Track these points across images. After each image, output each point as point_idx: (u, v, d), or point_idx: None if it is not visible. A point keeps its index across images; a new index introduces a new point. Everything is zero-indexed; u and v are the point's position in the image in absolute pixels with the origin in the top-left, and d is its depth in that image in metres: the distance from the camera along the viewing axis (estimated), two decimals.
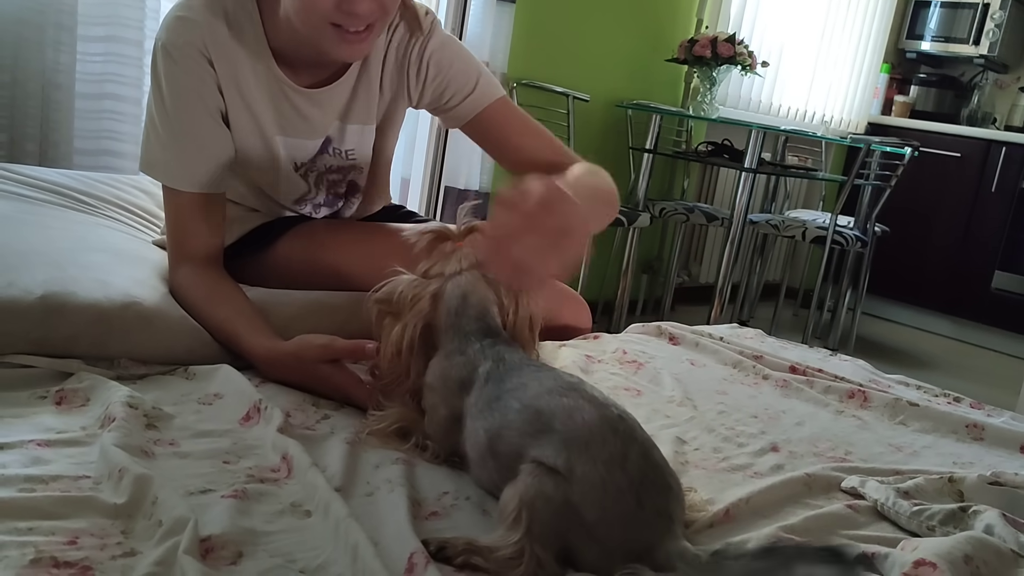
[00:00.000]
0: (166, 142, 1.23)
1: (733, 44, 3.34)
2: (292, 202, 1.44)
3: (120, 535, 0.75)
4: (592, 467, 0.79)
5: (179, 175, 1.24)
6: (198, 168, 1.24)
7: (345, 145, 1.40)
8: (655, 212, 3.46)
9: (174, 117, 1.22)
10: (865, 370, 1.71)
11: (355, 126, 1.38)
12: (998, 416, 1.51)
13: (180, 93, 1.21)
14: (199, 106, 1.22)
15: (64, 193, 1.54)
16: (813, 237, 3.41)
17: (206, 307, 1.20)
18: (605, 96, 3.46)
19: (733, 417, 1.33)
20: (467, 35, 2.77)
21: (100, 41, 1.95)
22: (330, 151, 1.39)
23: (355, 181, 1.48)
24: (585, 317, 1.72)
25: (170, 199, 1.27)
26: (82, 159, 1.95)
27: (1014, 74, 4.64)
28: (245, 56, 1.24)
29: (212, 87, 1.23)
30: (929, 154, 4.22)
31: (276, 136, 1.31)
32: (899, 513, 1.03)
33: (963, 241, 4.29)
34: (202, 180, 1.25)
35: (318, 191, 1.44)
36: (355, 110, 1.37)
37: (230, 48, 1.22)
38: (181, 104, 1.22)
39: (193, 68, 1.20)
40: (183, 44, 1.19)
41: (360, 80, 1.35)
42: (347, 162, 1.42)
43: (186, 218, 1.26)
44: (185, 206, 1.25)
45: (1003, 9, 4.36)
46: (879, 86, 4.73)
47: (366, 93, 1.36)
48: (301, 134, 1.34)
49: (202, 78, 1.21)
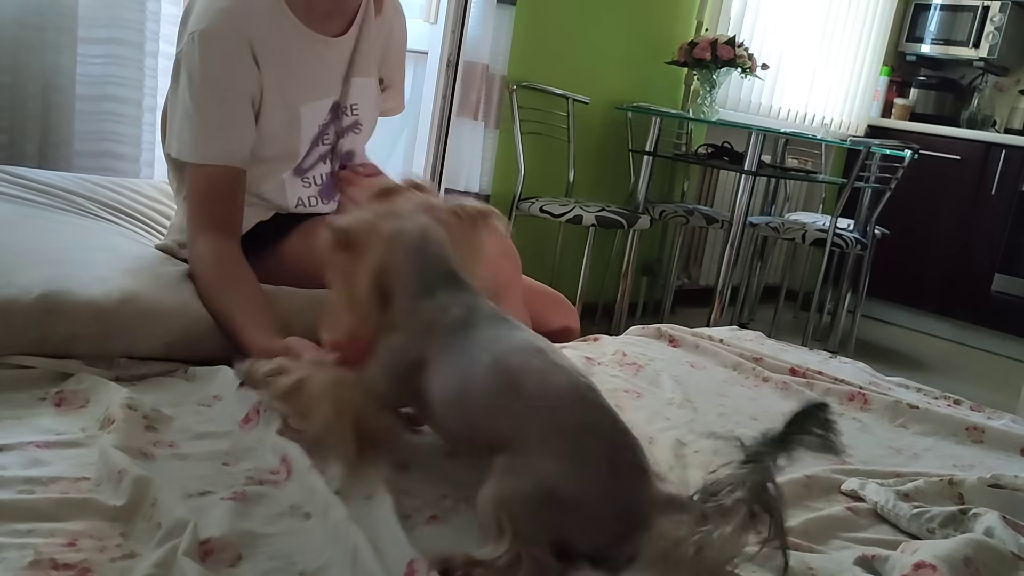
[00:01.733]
0: (204, 120, 1.27)
1: (733, 47, 3.34)
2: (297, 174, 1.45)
3: (119, 537, 0.75)
4: (563, 440, 0.79)
5: (217, 149, 1.29)
6: (232, 144, 1.30)
7: (350, 100, 1.48)
8: (655, 214, 3.46)
9: (212, 97, 1.28)
10: (865, 372, 1.71)
11: (358, 80, 1.47)
12: (998, 419, 1.51)
13: (219, 75, 1.27)
14: (236, 87, 1.29)
15: (64, 196, 1.54)
16: (813, 240, 3.41)
17: (217, 287, 1.23)
18: (605, 98, 3.46)
19: (733, 419, 1.33)
20: (467, 37, 2.77)
21: (100, 43, 1.95)
22: (339, 114, 1.47)
23: (349, 153, 1.53)
24: (573, 317, 1.74)
25: (201, 174, 1.29)
26: (82, 161, 1.95)
27: (1014, 77, 4.64)
28: (272, 19, 1.32)
29: (249, 70, 1.29)
30: (929, 157, 4.22)
31: (302, 106, 1.38)
32: (899, 515, 1.03)
33: (963, 244, 4.29)
34: (237, 156, 1.30)
35: (325, 163, 1.48)
36: (358, 62, 1.46)
37: (264, 19, 1.31)
38: (219, 84, 1.28)
39: (233, 53, 1.27)
40: (222, 29, 1.27)
41: (361, 33, 1.46)
42: (351, 119, 1.49)
43: (217, 190, 1.30)
44: (218, 179, 1.29)
45: (1003, 12, 4.36)
46: (879, 89, 4.73)
47: (366, 44, 1.47)
48: (320, 93, 1.41)
49: (242, 60, 1.28)
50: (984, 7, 4.41)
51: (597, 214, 2.88)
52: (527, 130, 3.08)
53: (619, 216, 2.93)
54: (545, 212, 2.93)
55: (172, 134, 1.31)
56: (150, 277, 1.23)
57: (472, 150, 2.85)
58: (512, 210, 3.03)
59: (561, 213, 2.90)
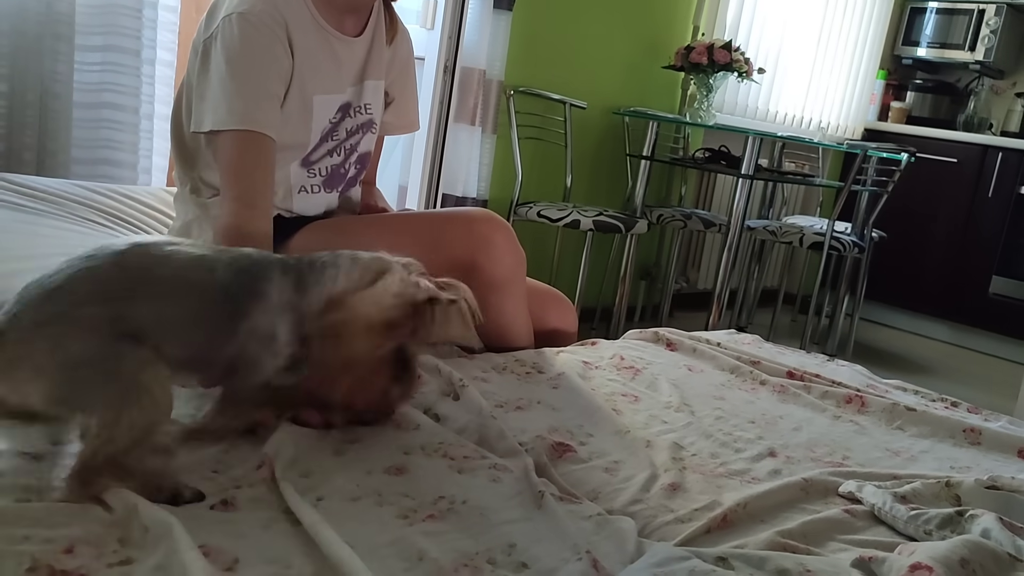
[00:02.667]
0: (243, 89, 1.28)
1: (729, 51, 3.34)
2: (303, 165, 1.47)
3: (116, 543, 0.75)
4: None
5: (254, 116, 1.29)
6: (269, 115, 1.31)
7: (364, 100, 1.51)
8: (652, 219, 3.46)
9: (252, 68, 1.29)
10: (862, 375, 1.71)
11: (371, 82, 1.51)
12: (995, 420, 1.51)
13: (258, 51, 1.30)
14: (273, 66, 1.32)
15: (61, 202, 1.54)
16: (811, 243, 3.41)
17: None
18: (602, 103, 3.47)
19: (731, 422, 1.34)
20: (464, 42, 2.78)
21: (97, 51, 1.96)
22: (351, 113, 1.50)
23: (365, 154, 1.57)
24: (571, 319, 1.74)
25: (235, 143, 1.29)
26: (79, 168, 1.96)
27: (1010, 79, 4.65)
28: (298, 9, 1.36)
29: (285, 52, 1.33)
30: (926, 160, 4.22)
31: (315, 96, 1.40)
32: (896, 517, 1.04)
33: (960, 246, 4.29)
34: (271, 126, 1.31)
35: (333, 156, 1.50)
36: (371, 64, 1.50)
37: (293, 8, 1.34)
38: (258, 60, 1.30)
39: (271, 33, 1.30)
40: (261, 11, 1.29)
41: (374, 38, 1.50)
42: (365, 117, 1.52)
43: (251, 160, 1.30)
44: (253, 147, 1.30)
45: (999, 15, 4.37)
46: (875, 92, 4.74)
47: (378, 49, 1.51)
48: (333, 87, 1.44)
49: (280, 41, 1.31)
50: (980, 10, 4.42)
51: (595, 218, 2.89)
52: (524, 135, 3.09)
53: (617, 220, 2.93)
54: (543, 217, 2.93)
55: (203, 110, 1.30)
56: None
57: (470, 155, 2.85)
58: (510, 215, 3.03)
59: (559, 218, 2.90)
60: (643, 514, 0.99)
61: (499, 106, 2.90)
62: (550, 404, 1.28)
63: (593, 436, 1.18)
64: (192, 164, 1.42)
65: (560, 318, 1.72)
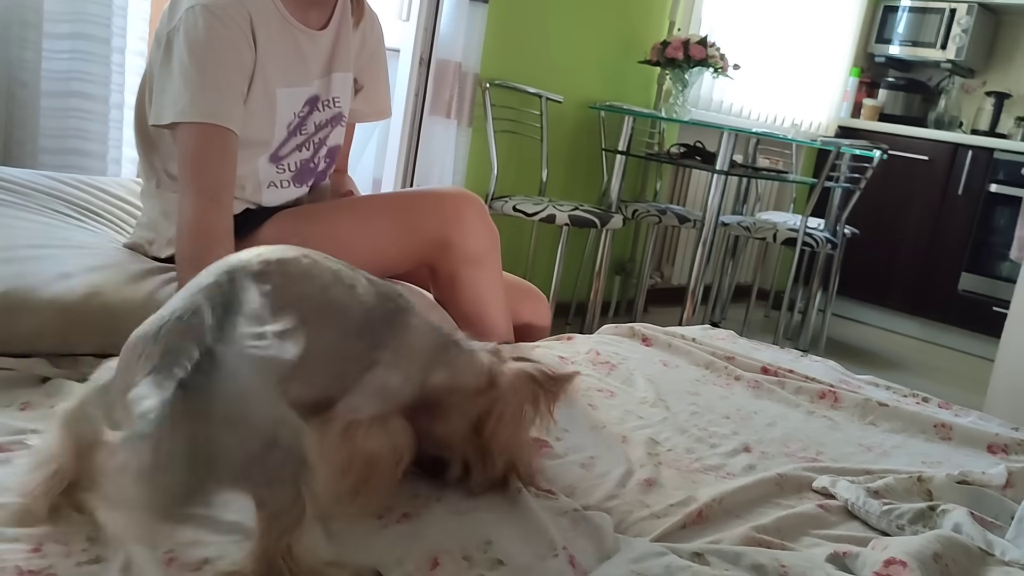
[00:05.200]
0: (205, 80, 1.27)
1: (705, 47, 3.35)
2: (272, 160, 1.45)
3: (86, 542, 0.73)
4: None
5: (215, 108, 1.27)
6: (231, 108, 1.29)
7: (332, 93, 1.50)
8: (628, 214, 3.47)
9: (214, 61, 1.28)
10: (835, 371, 1.73)
11: (339, 75, 1.50)
12: (965, 416, 1.53)
13: (221, 42, 1.28)
14: (235, 58, 1.30)
15: (28, 193, 1.51)
16: (784, 239, 3.43)
17: (193, 268, 1.21)
18: (578, 97, 3.46)
19: (706, 418, 1.34)
20: (440, 35, 2.76)
21: (66, 38, 1.92)
22: (319, 106, 1.48)
23: (334, 148, 1.56)
24: (544, 313, 1.74)
25: (196, 136, 1.27)
26: (47, 158, 1.92)
27: (980, 79, 4.71)
28: (264, 4, 1.34)
29: (248, 45, 1.31)
30: (898, 157, 4.27)
31: (278, 88, 1.39)
32: (869, 512, 1.04)
33: (930, 243, 4.35)
34: (234, 119, 1.29)
35: (302, 151, 1.49)
36: (338, 57, 1.49)
37: (260, 1, 1.33)
38: (221, 51, 1.28)
39: (235, 26, 1.29)
40: (225, 4, 1.28)
41: (340, 29, 1.49)
42: (334, 110, 1.51)
43: (212, 153, 1.28)
44: (214, 140, 1.28)
45: (970, 14, 4.42)
46: (848, 89, 4.78)
47: (345, 40, 1.50)
48: (297, 80, 1.42)
49: (243, 34, 1.30)
50: (952, 9, 4.47)
51: (570, 213, 2.89)
52: (500, 128, 3.08)
53: (592, 215, 2.93)
54: (519, 211, 2.93)
55: (164, 102, 1.29)
56: (117, 273, 1.21)
57: (445, 148, 2.84)
58: None
59: (534, 212, 2.90)
60: (619, 509, 0.99)
61: (475, 99, 2.89)
62: None
63: (569, 431, 1.18)
64: (156, 157, 1.40)
65: (533, 312, 1.72)
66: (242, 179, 1.41)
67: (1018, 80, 4.59)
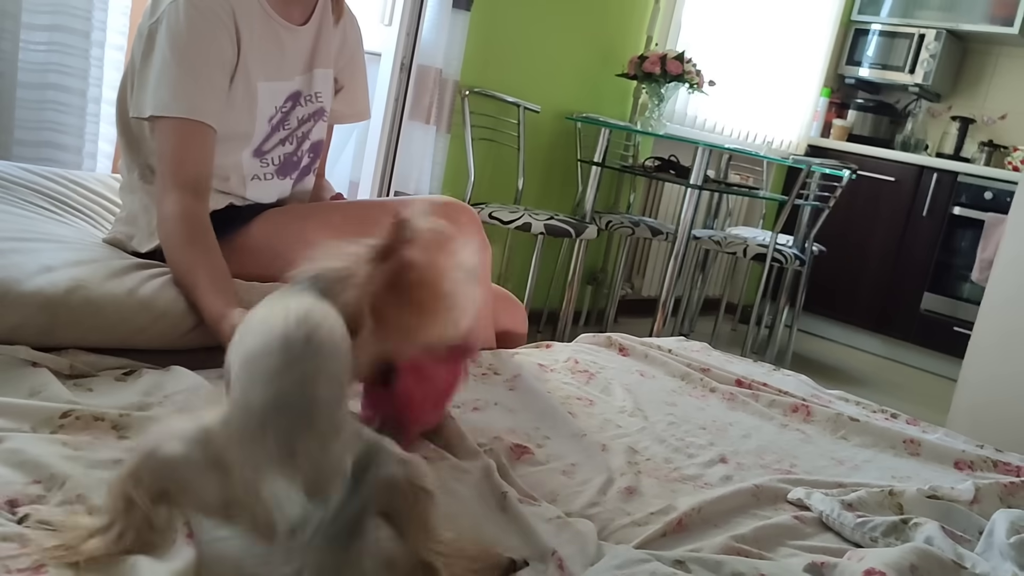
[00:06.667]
0: (185, 75, 1.27)
1: (682, 62, 3.39)
2: (256, 155, 1.45)
3: None
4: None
5: (195, 104, 1.28)
6: (210, 103, 1.30)
7: (314, 88, 1.51)
8: (601, 224, 3.49)
9: (196, 55, 1.28)
10: (807, 385, 1.75)
11: (320, 70, 1.51)
12: (932, 432, 1.56)
13: (203, 37, 1.28)
14: (217, 53, 1.31)
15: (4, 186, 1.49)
16: (754, 254, 3.48)
17: (181, 246, 1.24)
18: (555, 108, 3.49)
19: (683, 428, 1.36)
20: (421, 41, 2.76)
21: (44, 30, 1.89)
22: (302, 101, 1.49)
23: (318, 142, 1.56)
24: (521, 320, 1.75)
25: (175, 130, 1.28)
26: (22, 150, 1.89)
27: (946, 103, 4.82)
28: (248, 0, 1.35)
29: (231, 40, 1.32)
30: (865, 177, 4.35)
31: (260, 82, 1.39)
32: (843, 524, 1.06)
33: (895, 263, 4.43)
34: (212, 115, 1.30)
35: (285, 145, 1.49)
36: (320, 53, 1.50)
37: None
38: (202, 46, 1.29)
39: (217, 20, 1.29)
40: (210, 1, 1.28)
41: (322, 26, 1.50)
42: (316, 105, 1.52)
43: (190, 148, 1.29)
44: (192, 135, 1.29)
45: (938, 40, 4.53)
46: (819, 109, 4.87)
47: (326, 37, 1.51)
48: (278, 75, 1.43)
49: (225, 28, 1.30)
50: (920, 35, 4.57)
51: (546, 222, 2.90)
52: (478, 136, 3.09)
53: (567, 225, 2.95)
54: (494, 218, 2.93)
55: (145, 96, 1.29)
56: (99, 267, 1.20)
57: (423, 154, 2.84)
58: None
59: (510, 220, 2.91)
60: (600, 517, 1.00)
61: (454, 106, 2.90)
62: (507, 406, 1.28)
63: (550, 439, 1.19)
64: (139, 150, 1.39)
65: (511, 319, 1.73)
66: (226, 171, 1.41)
67: (983, 106, 4.70)
